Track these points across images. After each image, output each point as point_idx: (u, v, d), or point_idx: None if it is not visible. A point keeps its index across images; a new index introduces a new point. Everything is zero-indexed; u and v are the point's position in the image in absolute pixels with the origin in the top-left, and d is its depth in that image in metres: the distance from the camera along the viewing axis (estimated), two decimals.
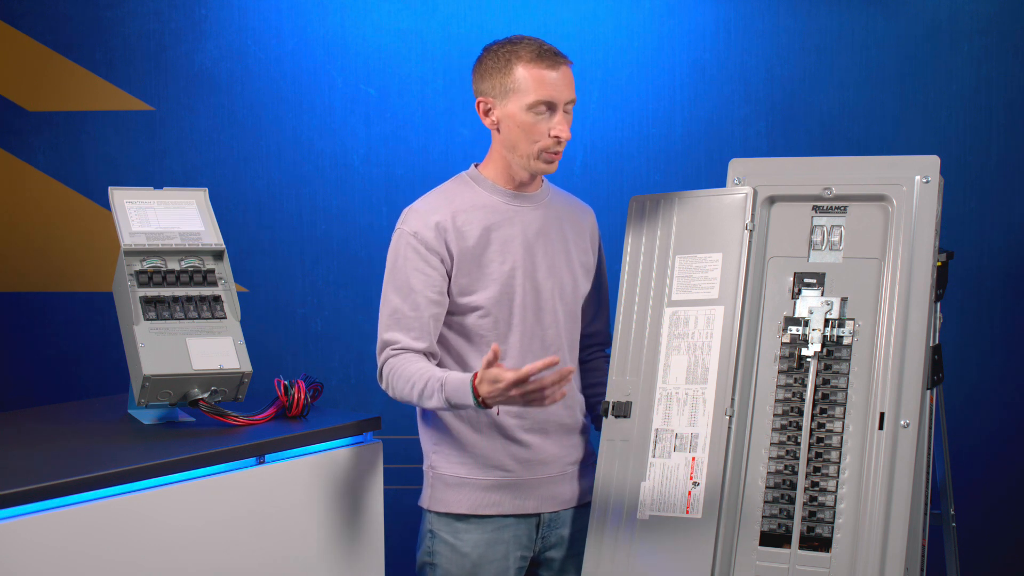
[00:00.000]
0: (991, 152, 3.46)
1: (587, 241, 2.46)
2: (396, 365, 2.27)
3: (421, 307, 2.29)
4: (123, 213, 2.44)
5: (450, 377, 2.18)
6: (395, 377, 2.27)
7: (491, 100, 2.31)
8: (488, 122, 2.32)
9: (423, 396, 2.22)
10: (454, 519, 2.36)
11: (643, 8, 3.55)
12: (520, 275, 2.33)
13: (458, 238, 2.31)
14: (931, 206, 2.24)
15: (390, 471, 2.52)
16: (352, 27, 3.61)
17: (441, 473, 2.37)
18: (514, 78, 2.27)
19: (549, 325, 2.36)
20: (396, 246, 2.33)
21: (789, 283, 2.32)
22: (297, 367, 3.60)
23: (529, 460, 2.35)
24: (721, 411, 2.26)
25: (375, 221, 3.63)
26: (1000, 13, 3.43)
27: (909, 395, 2.17)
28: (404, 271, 2.30)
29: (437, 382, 2.19)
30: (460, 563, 2.35)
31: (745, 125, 3.53)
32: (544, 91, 2.26)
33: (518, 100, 2.27)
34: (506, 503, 2.35)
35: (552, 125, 2.27)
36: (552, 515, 2.40)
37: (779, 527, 2.22)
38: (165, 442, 2.24)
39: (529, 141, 2.28)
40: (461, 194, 2.35)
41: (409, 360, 2.26)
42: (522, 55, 2.27)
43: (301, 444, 2.32)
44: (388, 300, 2.31)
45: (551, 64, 2.27)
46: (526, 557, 2.39)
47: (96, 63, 3.67)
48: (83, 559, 1.97)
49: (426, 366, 2.24)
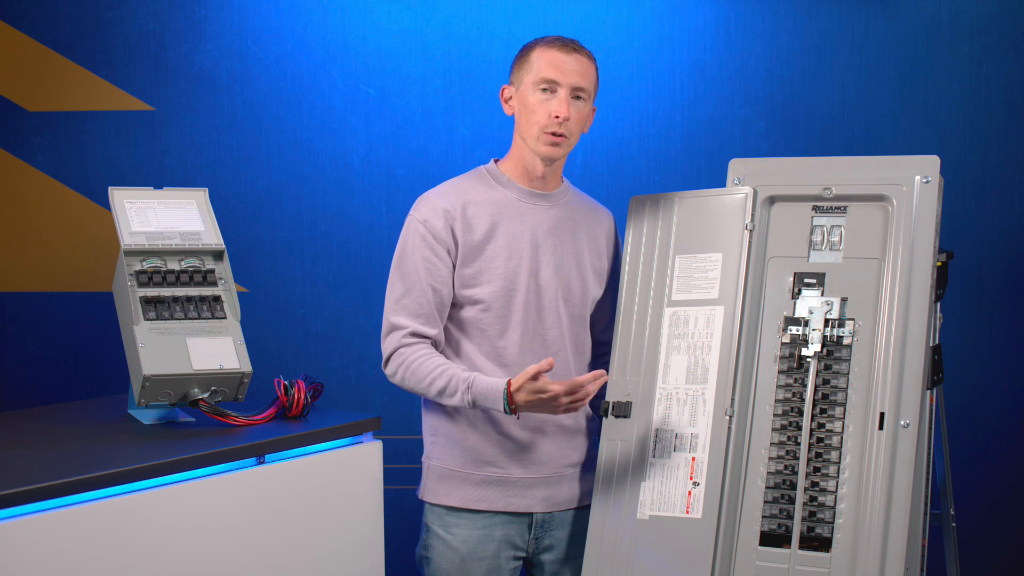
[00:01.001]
0: (991, 152, 3.46)
1: (602, 245, 2.46)
2: (410, 358, 2.30)
3: (427, 294, 2.31)
4: (123, 213, 2.44)
5: (478, 380, 2.23)
6: (408, 370, 2.30)
7: (511, 87, 2.37)
8: (507, 109, 2.38)
9: (443, 393, 2.26)
10: (446, 512, 2.37)
11: (643, 8, 3.55)
12: (524, 272, 2.33)
13: (465, 229, 2.32)
14: (931, 206, 2.24)
15: (390, 471, 2.52)
16: (352, 27, 3.61)
17: (435, 464, 2.39)
18: (529, 59, 2.34)
19: (551, 325, 2.36)
20: (406, 232, 2.36)
21: (789, 283, 2.32)
22: (297, 367, 3.60)
23: (524, 459, 2.35)
24: (721, 411, 2.26)
25: (375, 221, 3.63)
26: (1000, 13, 3.43)
27: (909, 395, 2.17)
28: (412, 258, 2.33)
29: (463, 383, 2.23)
30: (450, 557, 2.35)
31: (745, 125, 3.52)
32: (550, 70, 2.30)
33: (528, 80, 2.33)
34: (497, 499, 2.35)
35: (553, 106, 2.29)
36: (546, 516, 2.39)
37: (779, 527, 2.22)
38: (165, 442, 2.24)
39: (531, 121, 2.32)
40: (475, 187, 2.38)
41: (424, 355, 2.29)
42: (544, 40, 2.35)
43: (301, 444, 2.32)
44: (395, 285, 2.35)
45: (564, 49, 2.32)
46: (519, 557, 2.39)
47: (96, 63, 3.66)
48: (83, 559, 1.97)
49: (445, 363, 2.28)
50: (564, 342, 2.38)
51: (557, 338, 2.37)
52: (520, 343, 2.33)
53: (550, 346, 2.36)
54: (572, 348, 2.40)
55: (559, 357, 2.36)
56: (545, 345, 2.36)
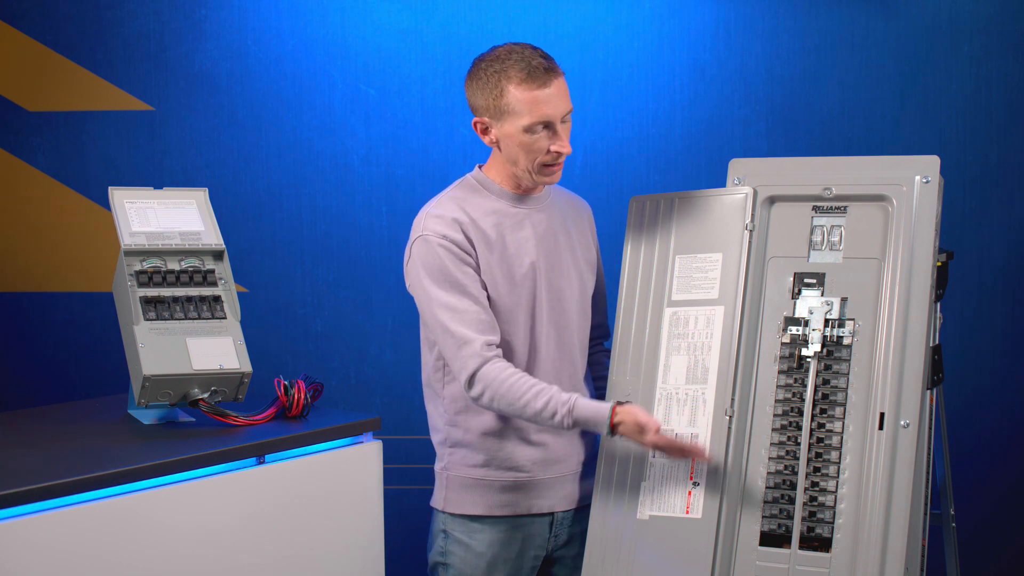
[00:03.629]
0: (991, 152, 3.46)
1: (588, 237, 2.46)
2: (497, 379, 2.22)
3: (480, 301, 2.25)
4: (123, 213, 2.44)
5: (580, 403, 2.20)
6: (497, 393, 2.22)
7: (487, 120, 2.28)
8: (487, 140, 2.30)
9: (540, 414, 2.21)
10: (469, 519, 2.35)
11: (643, 8, 3.55)
12: (537, 276, 2.32)
13: (480, 239, 2.29)
14: (931, 206, 2.24)
15: (390, 471, 2.53)
16: (352, 27, 3.61)
17: (457, 475, 2.36)
18: (507, 101, 2.23)
19: (564, 326, 2.36)
20: (427, 252, 2.26)
21: (789, 283, 2.32)
22: (297, 367, 3.60)
23: (545, 459, 2.35)
24: (721, 411, 2.26)
25: (375, 221, 3.63)
26: (1000, 13, 3.43)
27: (909, 395, 2.17)
28: (449, 272, 2.25)
29: (564, 406, 2.20)
30: (475, 563, 2.34)
31: (745, 125, 3.53)
32: (539, 112, 2.22)
33: (514, 122, 2.24)
34: (521, 503, 2.35)
35: (552, 142, 2.25)
36: (564, 513, 2.40)
37: (779, 527, 2.22)
38: (165, 442, 2.24)
39: (529, 158, 2.27)
40: (470, 198, 2.33)
41: (511, 374, 2.22)
42: (512, 75, 2.23)
43: (301, 444, 2.32)
44: (445, 304, 2.24)
45: (542, 82, 2.22)
46: (539, 556, 2.39)
47: (96, 63, 3.67)
48: (83, 559, 1.97)
49: (536, 383, 2.22)
50: (575, 340, 2.38)
51: (569, 338, 2.37)
52: (539, 346, 2.32)
53: (564, 346, 2.36)
54: (579, 345, 2.41)
55: (572, 356, 2.37)
56: (560, 346, 2.35)
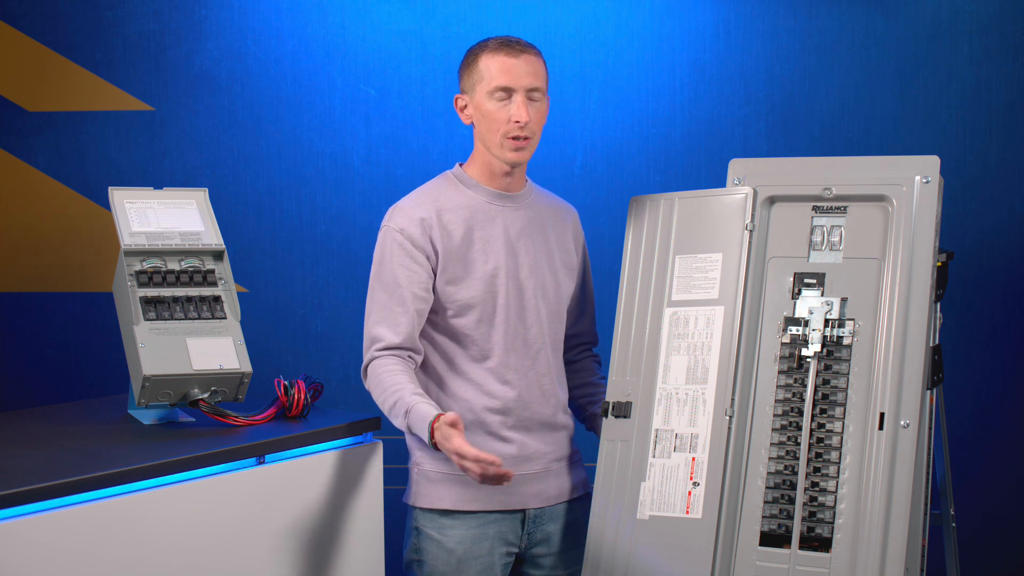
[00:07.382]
0: (991, 152, 3.46)
1: (570, 241, 2.48)
2: (378, 370, 2.31)
3: (407, 302, 2.32)
4: (123, 213, 2.44)
5: (416, 408, 2.23)
6: (374, 383, 2.32)
7: (464, 96, 2.38)
8: (463, 117, 2.39)
9: (391, 412, 2.29)
10: (439, 515, 2.37)
11: (643, 8, 3.55)
12: (503, 274, 2.35)
13: (443, 236, 2.34)
14: (931, 206, 2.24)
15: (389, 471, 2.53)
16: (352, 27, 3.61)
17: (426, 469, 2.38)
18: (478, 68, 2.34)
19: (532, 324, 2.38)
20: (383, 243, 2.37)
21: (789, 283, 2.32)
22: (297, 367, 3.60)
23: (514, 456, 2.36)
24: (721, 411, 2.26)
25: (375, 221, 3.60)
26: (1000, 13, 3.43)
27: (909, 395, 2.17)
28: (391, 267, 2.34)
29: (404, 407, 2.24)
30: (446, 559, 2.35)
31: (745, 125, 3.52)
32: (502, 77, 2.31)
33: (481, 89, 2.33)
34: (491, 498, 2.35)
35: (512, 111, 2.30)
36: (537, 511, 2.40)
37: (779, 527, 2.22)
38: (165, 442, 2.24)
39: (493, 129, 2.33)
40: (445, 193, 2.39)
41: (390, 371, 2.29)
42: (488, 46, 2.35)
43: (301, 444, 2.32)
44: (375, 296, 2.36)
45: (511, 52, 2.32)
46: (512, 553, 2.40)
47: (96, 63, 3.66)
48: (83, 559, 1.97)
49: (401, 382, 2.27)
50: (544, 340, 2.40)
51: (538, 337, 2.39)
52: (504, 343, 2.35)
53: (531, 344, 2.38)
54: (551, 346, 2.43)
55: (540, 355, 2.39)
56: (527, 344, 2.37)
